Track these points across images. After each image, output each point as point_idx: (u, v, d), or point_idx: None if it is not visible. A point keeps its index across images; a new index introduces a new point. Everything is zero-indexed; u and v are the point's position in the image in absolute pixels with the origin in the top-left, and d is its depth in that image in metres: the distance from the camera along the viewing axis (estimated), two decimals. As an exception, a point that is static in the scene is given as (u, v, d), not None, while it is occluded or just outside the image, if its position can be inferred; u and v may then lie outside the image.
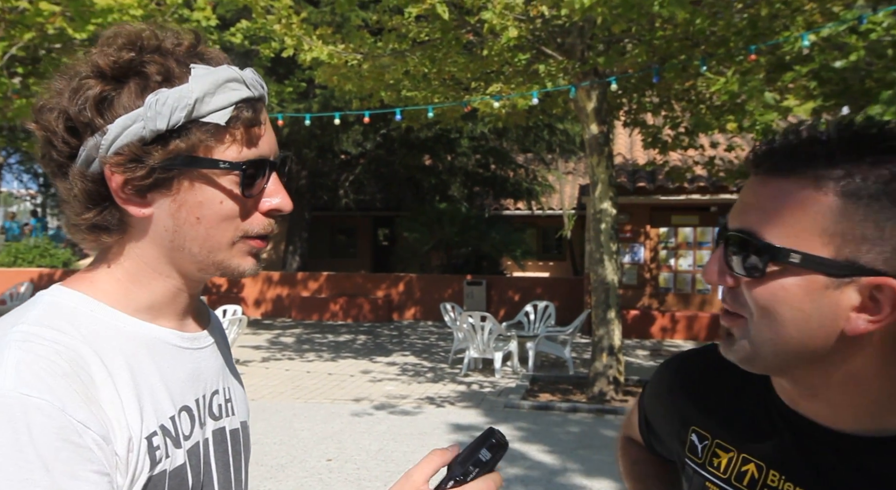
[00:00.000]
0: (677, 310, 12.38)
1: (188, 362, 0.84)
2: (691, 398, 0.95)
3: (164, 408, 0.78)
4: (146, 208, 0.77)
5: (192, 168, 0.76)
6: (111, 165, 0.74)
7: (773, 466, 0.81)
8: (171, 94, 0.74)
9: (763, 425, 0.83)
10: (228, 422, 0.90)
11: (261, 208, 0.81)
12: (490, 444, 0.79)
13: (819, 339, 0.71)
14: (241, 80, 0.78)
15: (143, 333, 0.79)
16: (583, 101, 7.31)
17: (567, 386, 8.18)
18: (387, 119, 12.01)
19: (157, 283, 0.81)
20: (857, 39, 4.66)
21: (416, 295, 14.83)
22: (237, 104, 0.77)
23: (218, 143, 0.76)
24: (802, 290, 0.70)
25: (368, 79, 7.74)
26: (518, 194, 18.39)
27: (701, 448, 0.90)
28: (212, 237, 0.79)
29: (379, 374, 8.96)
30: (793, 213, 0.70)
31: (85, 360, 0.71)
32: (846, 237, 0.68)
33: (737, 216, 0.76)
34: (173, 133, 0.74)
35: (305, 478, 4.99)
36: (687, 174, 8.77)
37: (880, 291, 0.68)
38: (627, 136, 13.84)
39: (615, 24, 5.87)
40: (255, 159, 0.79)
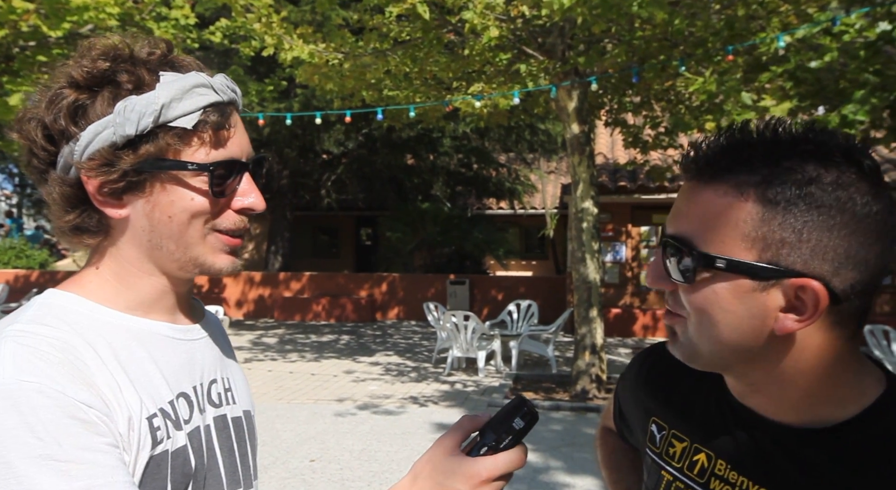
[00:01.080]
0: (658, 308, 12.50)
1: (182, 352, 0.87)
2: (654, 390, 0.98)
3: (161, 393, 0.81)
4: (122, 210, 0.81)
5: (161, 170, 0.80)
6: (85, 170, 0.78)
7: (721, 456, 0.84)
8: (138, 100, 0.77)
9: (714, 418, 0.87)
10: (230, 410, 0.94)
11: (233, 206, 0.85)
12: (524, 413, 0.79)
13: (751, 338, 0.74)
14: (208, 85, 0.82)
15: (134, 326, 0.83)
16: (564, 100, 7.37)
17: (550, 384, 8.24)
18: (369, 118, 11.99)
19: (143, 282, 0.85)
20: (831, 41, 4.76)
21: (400, 295, 14.83)
22: (204, 108, 0.80)
23: (185, 146, 0.80)
24: (731, 293, 0.73)
25: (350, 78, 7.73)
26: (500, 194, 18.44)
27: (659, 438, 0.94)
28: (184, 234, 0.82)
29: (362, 374, 8.96)
30: (718, 220, 0.73)
31: (78, 350, 0.75)
32: (767, 241, 0.71)
33: (671, 222, 0.79)
34: (143, 138, 0.78)
35: (288, 479, 4.99)
36: (667, 173, 8.86)
37: (804, 292, 0.71)
38: (609, 135, 13.94)
39: (595, 24, 5.92)
40: (224, 160, 0.82)
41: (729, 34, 5.88)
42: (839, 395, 0.77)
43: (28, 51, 7.86)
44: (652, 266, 0.81)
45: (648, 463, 0.95)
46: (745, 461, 0.81)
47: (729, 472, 0.82)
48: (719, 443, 0.85)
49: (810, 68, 5.10)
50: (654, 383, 0.98)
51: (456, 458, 0.78)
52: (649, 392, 0.99)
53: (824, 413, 0.77)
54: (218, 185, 0.82)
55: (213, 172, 0.81)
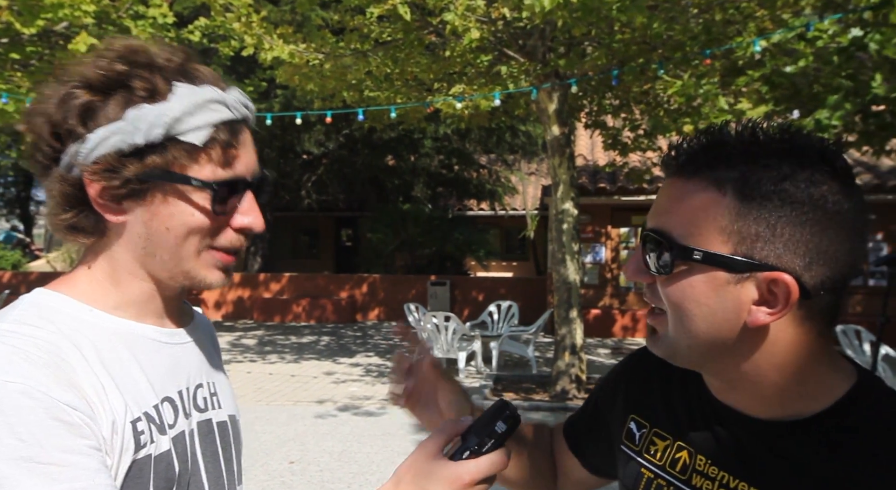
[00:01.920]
0: (638, 309, 12.61)
1: (167, 356, 0.87)
2: (636, 388, 1.01)
3: (146, 397, 0.81)
4: (121, 215, 0.81)
5: (166, 182, 0.80)
6: (89, 173, 0.78)
7: (701, 452, 0.87)
8: (150, 110, 0.77)
9: (694, 415, 0.89)
10: (215, 414, 0.93)
11: (232, 224, 0.85)
12: (506, 416, 0.80)
13: (725, 331, 0.77)
14: (222, 101, 0.82)
15: (120, 328, 0.83)
16: (544, 102, 7.41)
17: (530, 385, 8.28)
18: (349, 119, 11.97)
19: (132, 285, 0.85)
20: (806, 46, 4.85)
21: (380, 295, 14.80)
22: (216, 125, 0.80)
23: (192, 162, 0.80)
24: (707, 286, 0.76)
25: (330, 79, 7.72)
26: (481, 195, 18.49)
27: (639, 435, 0.95)
28: (180, 247, 0.82)
29: (342, 375, 8.94)
30: (697, 214, 0.76)
31: (63, 351, 0.74)
32: (742, 235, 0.73)
33: (651, 216, 0.82)
34: (150, 148, 0.78)
35: (267, 481, 4.97)
36: (646, 175, 8.95)
37: (776, 285, 0.73)
38: (589, 137, 14.04)
39: (575, 27, 5.97)
40: (229, 180, 0.82)
41: (706, 38, 5.96)
42: (811, 388, 0.79)
43: (1, 48, 7.74)
44: (632, 260, 0.83)
45: (624, 460, 0.97)
46: (725, 456, 0.83)
47: (709, 467, 0.84)
48: (699, 439, 0.87)
49: (785, 73, 5.19)
50: (639, 382, 1.01)
51: (438, 462, 0.79)
52: (633, 390, 1.01)
53: (798, 406, 0.79)
54: (220, 204, 0.82)
55: (216, 192, 0.81)
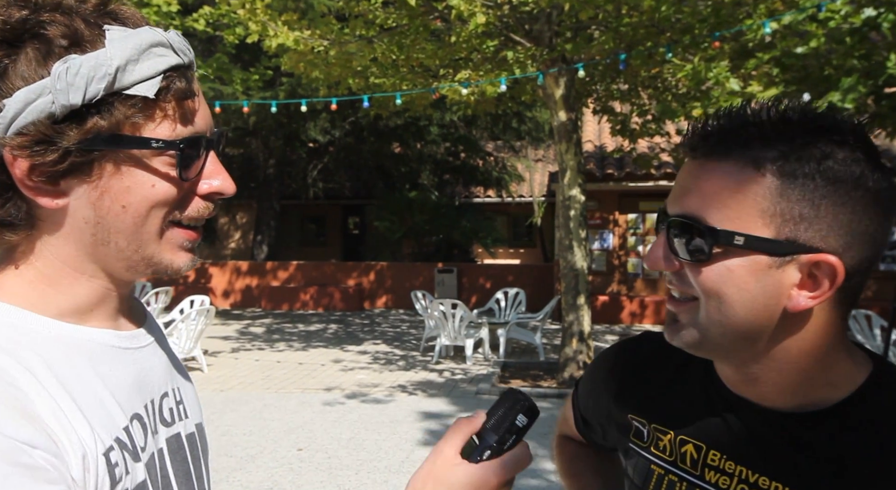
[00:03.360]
0: (646, 295, 12.57)
1: (130, 364, 0.73)
2: (627, 386, 0.96)
3: (115, 419, 0.67)
4: (60, 199, 0.65)
5: (117, 149, 0.64)
6: (12, 149, 0.61)
7: (714, 447, 0.83)
8: (84, 61, 0.61)
9: (701, 408, 0.86)
10: (183, 426, 0.80)
11: (199, 191, 0.71)
12: (525, 409, 0.75)
13: (763, 317, 0.73)
14: (167, 44, 0.67)
15: (72, 336, 0.67)
16: (551, 88, 7.34)
17: (538, 372, 8.27)
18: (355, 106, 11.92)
19: (79, 285, 0.69)
20: (817, 27, 4.76)
21: (387, 283, 14.81)
22: (166, 73, 0.66)
23: (147, 120, 0.65)
24: (747, 270, 0.72)
25: (335, 66, 7.66)
26: (488, 182, 18.45)
27: (646, 432, 0.92)
28: (140, 227, 0.68)
29: (350, 362, 8.95)
30: (733, 196, 0.71)
31: (9, 374, 0.59)
32: (785, 217, 0.70)
33: (677, 201, 0.77)
34: (91, 108, 0.62)
35: (276, 468, 4.98)
36: (654, 161, 8.88)
37: (818, 268, 0.71)
38: (596, 123, 13.95)
39: (582, 10, 5.89)
40: (191, 137, 0.68)
41: (715, 21, 5.87)
42: (834, 376, 0.77)
43: None
44: (654, 247, 0.78)
45: (634, 459, 0.94)
46: (743, 451, 0.80)
47: (725, 462, 0.81)
48: (710, 434, 0.84)
49: (796, 54, 5.11)
50: (630, 380, 0.97)
51: (460, 468, 0.72)
52: (625, 389, 0.97)
53: (820, 395, 0.77)
54: (186, 168, 0.68)
55: (182, 151, 0.66)
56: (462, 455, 0.73)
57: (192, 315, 7.80)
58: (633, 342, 1.01)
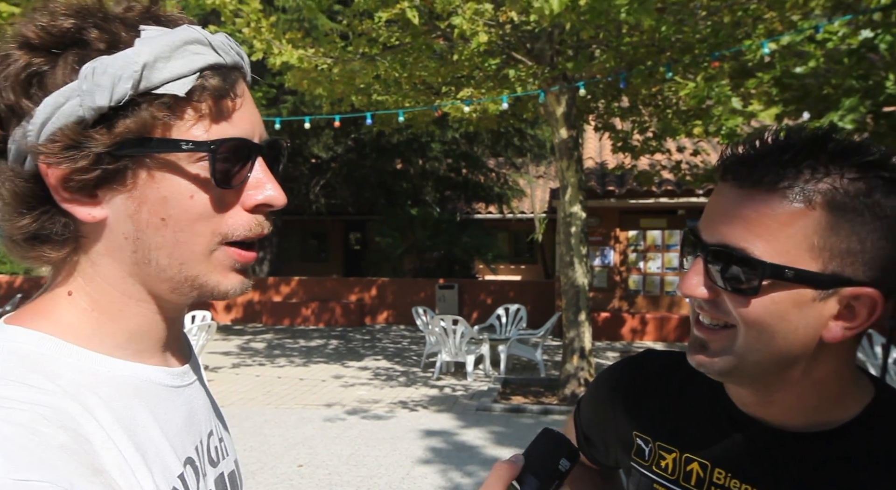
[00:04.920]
0: (647, 312, 12.55)
1: (181, 404, 0.69)
2: (631, 404, 0.96)
3: (171, 466, 0.63)
4: (96, 209, 0.61)
5: (146, 152, 0.60)
6: (45, 156, 0.58)
7: (719, 465, 0.83)
8: (111, 61, 0.58)
9: (707, 427, 0.86)
10: (225, 465, 0.76)
11: (244, 204, 0.65)
12: (567, 453, 0.72)
13: (800, 347, 0.74)
14: (205, 41, 0.62)
15: (130, 376, 0.63)
16: (552, 105, 7.39)
17: (539, 388, 8.24)
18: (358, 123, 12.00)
19: (130, 311, 0.65)
20: (816, 48, 4.81)
21: (389, 299, 14.80)
22: (201, 71, 0.61)
23: (178, 120, 0.60)
24: (791, 303, 0.72)
25: (339, 83, 7.72)
26: (489, 198, 18.49)
27: (648, 451, 0.92)
28: (183, 244, 0.62)
29: (351, 378, 8.93)
30: (783, 229, 0.71)
31: (76, 421, 0.55)
32: (833, 251, 0.70)
33: (716, 228, 0.75)
34: (120, 110, 0.58)
35: (276, 484, 4.96)
36: (655, 178, 8.92)
37: (857, 300, 0.72)
38: (597, 140, 14.01)
39: (583, 30, 5.95)
40: (230, 139, 0.62)
41: (715, 41, 5.93)
42: (844, 397, 0.79)
43: None
44: (691, 274, 0.76)
45: (636, 477, 0.94)
46: (750, 469, 0.81)
47: (730, 480, 0.82)
48: (716, 452, 0.84)
49: (796, 74, 5.15)
50: (633, 397, 0.97)
51: None
52: (628, 406, 0.97)
53: (832, 415, 0.78)
54: (223, 173, 0.62)
55: (215, 153, 0.61)
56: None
57: (194, 330, 7.81)
58: (637, 359, 1.01)
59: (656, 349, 1.02)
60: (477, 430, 6.40)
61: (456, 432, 6.36)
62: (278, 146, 0.70)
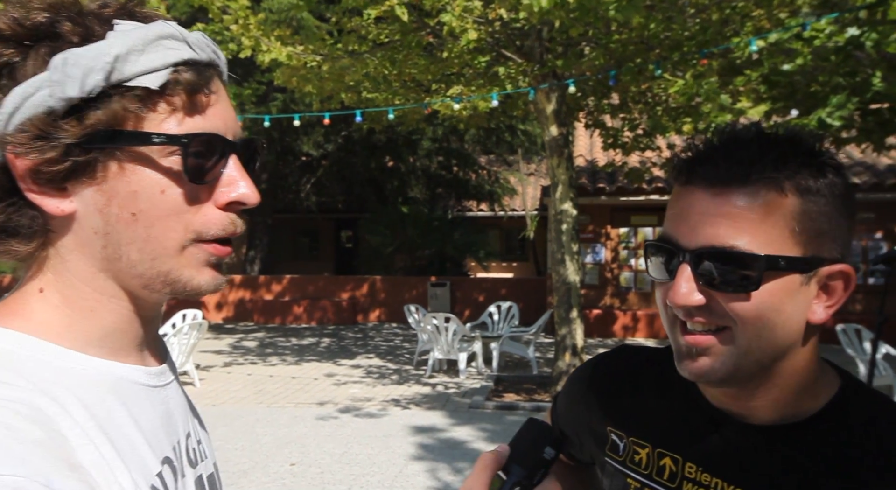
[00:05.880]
0: (638, 308, 12.61)
1: (159, 404, 0.68)
2: (605, 399, 0.97)
3: (149, 465, 0.62)
4: (65, 202, 0.60)
5: (117, 145, 0.59)
6: (12, 146, 0.58)
7: (690, 459, 0.84)
8: (83, 52, 0.58)
9: (679, 422, 0.87)
10: (204, 467, 0.75)
11: (217, 201, 0.64)
12: (552, 441, 0.72)
13: (794, 334, 0.75)
14: (179, 37, 0.62)
15: (105, 374, 0.62)
16: (542, 103, 7.41)
17: (531, 385, 8.27)
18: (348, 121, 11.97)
19: (102, 308, 0.63)
20: (803, 45, 4.85)
21: (381, 297, 14.80)
22: (176, 66, 0.61)
23: (150, 113, 0.60)
24: (784, 292, 0.73)
25: (328, 80, 7.71)
26: (481, 196, 18.51)
27: (622, 446, 0.93)
28: (154, 239, 0.61)
29: (343, 376, 8.93)
30: (765, 220, 0.71)
31: (50, 418, 0.55)
32: (809, 234, 0.73)
33: (698, 232, 0.74)
34: (90, 102, 0.58)
35: (268, 483, 4.96)
36: (645, 175, 8.95)
37: (832, 278, 0.75)
38: (588, 137, 14.04)
39: (572, 27, 5.96)
40: (203, 133, 0.62)
41: (703, 38, 5.96)
42: (816, 387, 0.80)
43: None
44: (680, 283, 0.74)
45: (610, 472, 0.94)
46: (720, 463, 0.81)
47: (701, 474, 0.82)
48: (688, 447, 0.85)
49: (783, 72, 5.19)
50: (608, 392, 0.97)
51: None
52: (603, 402, 0.97)
53: (802, 407, 0.79)
54: (196, 169, 0.61)
55: (186, 146, 0.61)
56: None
57: (185, 329, 7.78)
58: (611, 355, 1.02)
59: (631, 345, 1.02)
60: (469, 428, 6.42)
61: (448, 430, 6.38)
62: (254, 145, 0.69)
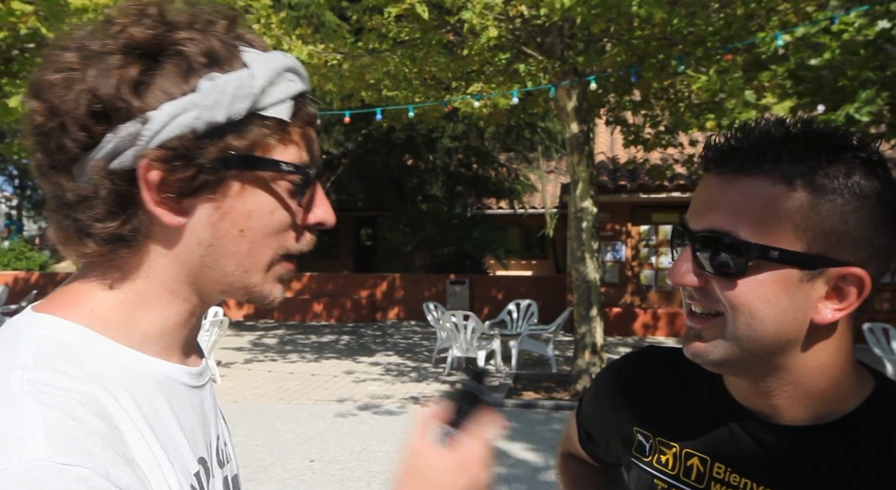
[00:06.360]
0: (659, 307, 12.50)
1: (197, 404, 0.71)
2: (632, 399, 0.96)
3: (188, 464, 0.65)
4: (181, 216, 0.63)
5: (248, 170, 0.64)
6: (151, 160, 0.60)
7: (718, 459, 0.83)
8: (229, 79, 0.62)
9: (707, 421, 0.86)
10: (230, 468, 0.77)
11: (304, 221, 0.69)
12: (473, 375, 0.74)
13: (791, 330, 0.74)
14: (296, 70, 0.67)
15: (154, 372, 0.65)
16: (563, 100, 7.36)
17: (550, 384, 8.23)
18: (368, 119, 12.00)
19: (169, 308, 0.66)
20: (831, 39, 4.75)
21: (400, 295, 14.82)
22: (294, 98, 0.66)
23: (278, 143, 0.65)
24: (778, 284, 0.72)
25: (349, 79, 7.73)
26: (500, 193, 18.45)
27: (648, 446, 0.92)
28: (253, 254, 0.66)
29: (362, 374, 8.95)
30: (766, 211, 0.72)
31: (108, 411, 0.57)
32: (816, 231, 0.71)
33: (702, 216, 0.76)
34: (230, 126, 0.62)
35: (288, 479, 4.98)
36: (667, 172, 8.86)
37: (845, 281, 0.72)
38: (609, 134, 13.94)
39: (594, 23, 5.91)
40: (314, 163, 0.69)
41: (727, 33, 5.87)
42: (845, 388, 0.78)
43: (27, 53, 7.85)
44: (679, 262, 0.77)
45: (636, 473, 0.93)
46: (749, 463, 0.80)
47: (730, 475, 0.81)
48: (716, 447, 0.84)
49: (810, 67, 5.09)
50: (633, 392, 0.97)
51: (437, 458, 0.68)
52: (628, 402, 0.97)
53: (831, 407, 0.78)
54: (303, 196, 0.67)
55: (307, 177, 0.67)
56: (434, 443, 0.70)
57: (206, 326, 7.85)
58: (637, 355, 1.02)
59: (657, 345, 1.02)
60: (488, 426, 6.40)
61: (467, 428, 6.36)
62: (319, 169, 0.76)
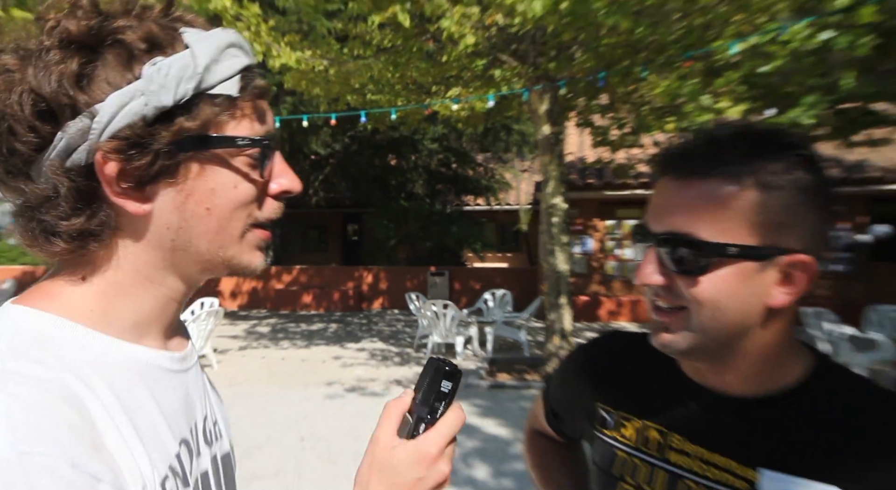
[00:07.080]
0: (623, 295, 12.61)
1: (179, 387, 0.67)
2: (596, 378, 0.98)
3: (168, 446, 0.62)
4: (146, 204, 0.60)
5: (204, 150, 0.60)
6: (106, 152, 0.56)
7: (675, 430, 0.85)
8: (172, 62, 0.58)
9: (664, 397, 0.88)
10: (219, 447, 0.74)
11: (271, 191, 0.67)
12: (447, 373, 0.70)
13: (750, 316, 0.76)
14: (239, 44, 0.63)
15: (133, 359, 0.62)
16: (535, 103, 7.37)
17: (523, 366, 8.27)
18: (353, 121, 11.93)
19: (145, 295, 0.63)
20: (780, 48, 4.80)
21: (384, 286, 14.79)
22: (242, 72, 0.63)
23: (230, 119, 0.62)
24: (737, 277, 0.74)
25: (335, 83, 7.66)
26: (478, 191, 18.46)
27: (610, 421, 0.94)
28: (223, 229, 0.63)
29: (349, 359, 8.92)
30: (721, 210, 0.73)
31: (79, 398, 0.54)
32: (766, 224, 0.73)
33: (662, 219, 0.77)
34: (178, 109, 0.59)
35: (280, 456, 4.96)
36: (631, 171, 8.91)
37: (794, 267, 0.74)
38: (578, 136, 13.99)
39: (565, 32, 5.92)
40: (272, 133, 0.66)
41: (687, 42, 5.91)
42: (787, 364, 0.80)
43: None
44: (645, 264, 0.78)
45: (599, 445, 0.96)
46: (702, 432, 0.83)
47: (685, 444, 0.84)
48: (673, 419, 0.86)
49: (761, 73, 5.15)
50: (598, 372, 0.99)
51: (398, 449, 0.65)
52: (594, 381, 0.99)
53: (777, 381, 0.80)
54: (263, 167, 0.64)
55: (264, 149, 0.63)
56: (399, 435, 0.68)
57: (203, 316, 7.77)
58: (602, 339, 1.04)
59: (620, 330, 1.04)
60: (465, 405, 6.41)
61: (447, 408, 6.37)
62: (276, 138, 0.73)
